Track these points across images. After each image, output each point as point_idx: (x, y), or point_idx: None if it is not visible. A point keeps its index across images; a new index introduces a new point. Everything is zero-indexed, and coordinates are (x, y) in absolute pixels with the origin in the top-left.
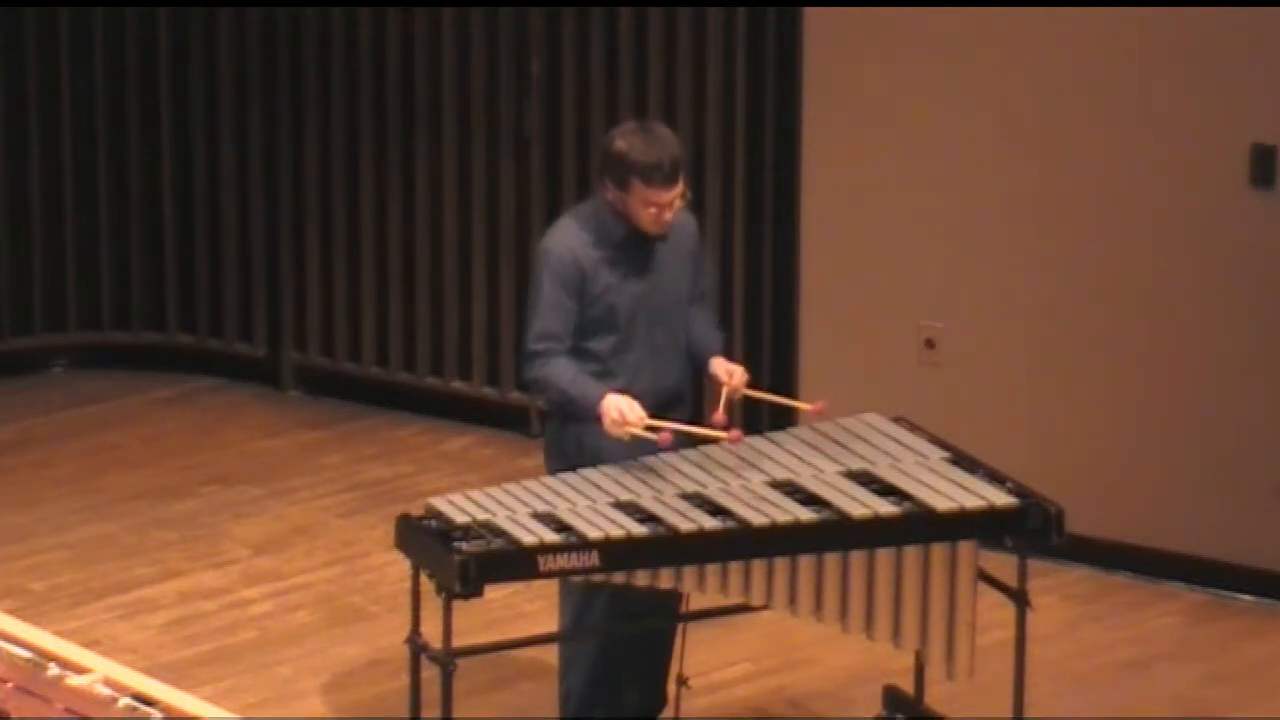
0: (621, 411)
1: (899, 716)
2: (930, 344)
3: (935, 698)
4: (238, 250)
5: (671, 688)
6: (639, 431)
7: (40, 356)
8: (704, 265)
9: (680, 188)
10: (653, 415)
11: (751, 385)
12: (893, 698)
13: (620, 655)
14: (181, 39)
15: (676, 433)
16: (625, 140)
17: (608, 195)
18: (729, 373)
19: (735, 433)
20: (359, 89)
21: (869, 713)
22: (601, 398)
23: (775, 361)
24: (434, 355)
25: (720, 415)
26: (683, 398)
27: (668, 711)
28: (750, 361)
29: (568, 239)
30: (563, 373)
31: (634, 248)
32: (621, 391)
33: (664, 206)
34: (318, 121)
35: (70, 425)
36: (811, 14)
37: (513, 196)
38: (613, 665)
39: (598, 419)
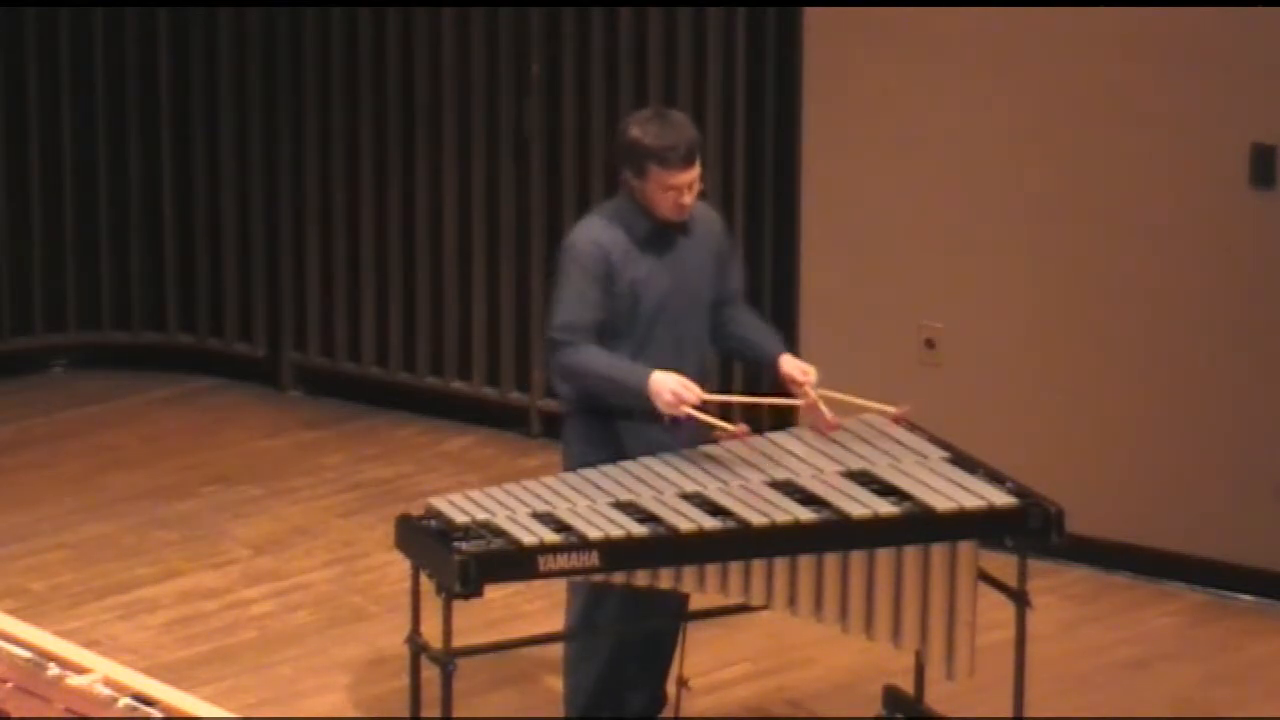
0: (677, 393)
1: (899, 716)
2: (930, 344)
3: (935, 698)
4: (238, 250)
5: (671, 688)
6: (695, 413)
7: (40, 356)
8: (736, 262)
9: (698, 170)
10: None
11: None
12: (893, 698)
13: (628, 656)
14: (181, 39)
15: (745, 406)
16: (640, 127)
17: (629, 188)
18: (804, 371)
19: (811, 398)
20: (359, 89)
21: (869, 713)
22: (647, 377)
23: None
24: (434, 355)
25: (829, 419)
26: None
27: (668, 711)
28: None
29: (594, 232)
30: (598, 358)
31: (659, 242)
32: None
33: (683, 189)
34: (318, 121)
35: (70, 425)
36: (811, 14)
37: (513, 196)
38: (620, 666)
39: (646, 399)
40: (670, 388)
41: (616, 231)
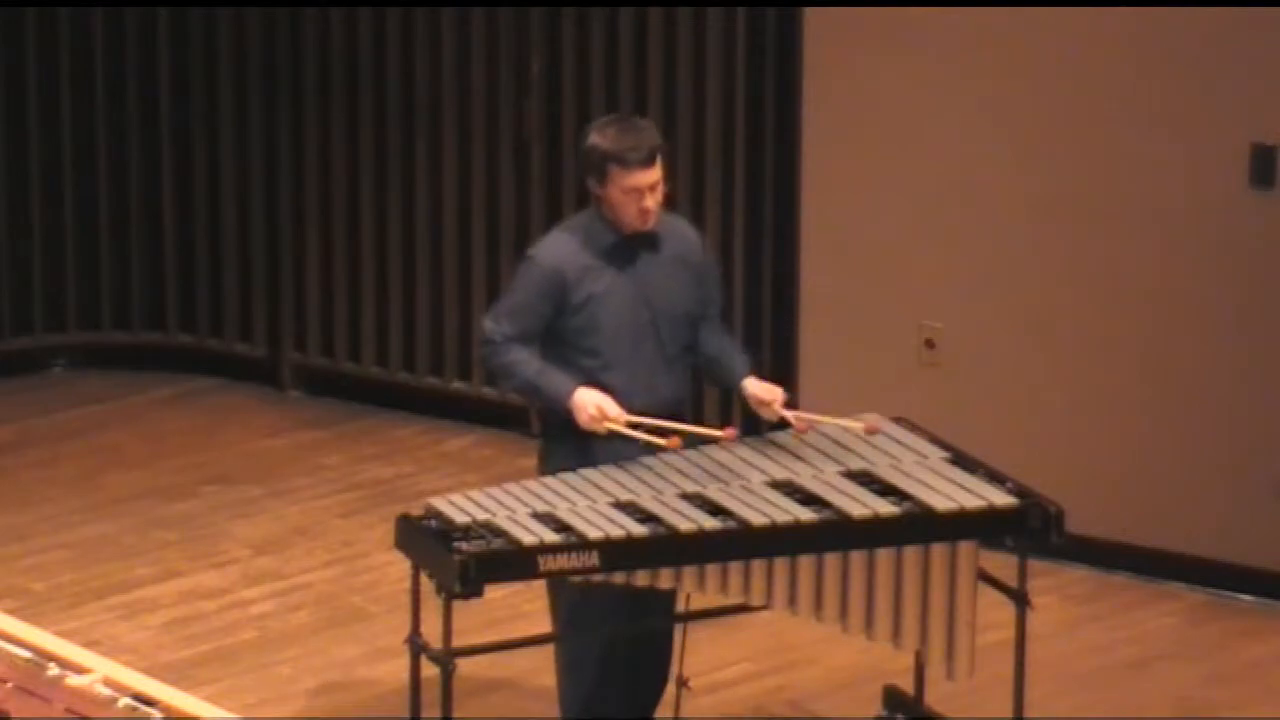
0: (600, 409)
1: (899, 716)
2: (930, 344)
3: (935, 698)
4: (238, 250)
5: (671, 688)
6: (619, 429)
7: (40, 356)
8: (714, 281)
9: (659, 173)
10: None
11: (788, 405)
12: (893, 698)
13: (618, 656)
14: (181, 39)
15: (669, 431)
16: (599, 133)
17: (595, 199)
18: (769, 391)
19: (731, 431)
20: (359, 89)
21: (869, 713)
22: (571, 392)
23: (775, 362)
24: (434, 355)
25: (799, 423)
26: (681, 408)
27: (668, 711)
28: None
29: (555, 247)
30: (527, 363)
31: (623, 256)
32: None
33: (644, 191)
34: (318, 121)
35: (70, 425)
36: (811, 14)
37: (513, 196)
38: (611, 666)
39: (569, 413)
40: (593, 402)
41: (578, 246)
